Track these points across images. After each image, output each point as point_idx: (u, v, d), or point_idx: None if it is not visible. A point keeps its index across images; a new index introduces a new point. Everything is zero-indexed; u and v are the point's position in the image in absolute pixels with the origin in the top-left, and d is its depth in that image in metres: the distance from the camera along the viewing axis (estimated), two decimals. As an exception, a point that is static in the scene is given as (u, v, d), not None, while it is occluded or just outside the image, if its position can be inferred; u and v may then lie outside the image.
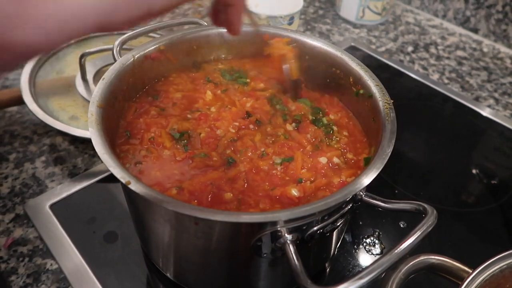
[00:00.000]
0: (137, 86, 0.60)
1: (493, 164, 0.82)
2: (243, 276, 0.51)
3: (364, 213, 0.68)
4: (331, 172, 0.53)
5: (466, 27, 1.21)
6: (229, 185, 0.49)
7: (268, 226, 0.41)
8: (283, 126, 0.58)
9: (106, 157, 0.43)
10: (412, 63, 1.07)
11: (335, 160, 0.54)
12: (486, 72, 1.06)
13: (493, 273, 0.39)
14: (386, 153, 0.46)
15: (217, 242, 0.45)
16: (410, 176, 0.78)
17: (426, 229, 0.40)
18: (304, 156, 0.54)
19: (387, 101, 0.54)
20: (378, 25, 1.21)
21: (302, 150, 0.55)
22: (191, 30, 0.65)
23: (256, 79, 0.66)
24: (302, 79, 0.65)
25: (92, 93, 0.79)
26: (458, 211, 0.71)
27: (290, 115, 0.60)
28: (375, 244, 0.64)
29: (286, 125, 0.59)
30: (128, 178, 0.41)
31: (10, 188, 0.68)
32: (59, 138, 0.77)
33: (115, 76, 0.54)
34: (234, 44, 0.68)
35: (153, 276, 0.58)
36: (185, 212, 0.39)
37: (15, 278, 0.56)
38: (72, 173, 0.71)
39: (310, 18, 1.22)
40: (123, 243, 0.61)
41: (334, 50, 0.63)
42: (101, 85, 0.52)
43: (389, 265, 0.39)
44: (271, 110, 0.60)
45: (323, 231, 0.45)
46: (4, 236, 0.61)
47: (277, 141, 0.56)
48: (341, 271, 0.60)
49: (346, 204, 0.45)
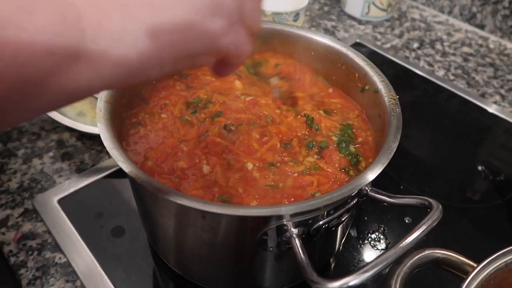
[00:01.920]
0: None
1: (499, 160, 0.82)
2: (249, 270, 0.52)
3: (369, 208, 0.68)
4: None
5: (472, 23, 1.20)
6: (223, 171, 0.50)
7: (274, 220, 0.42)
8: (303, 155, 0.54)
9: (114, 151, 0.43)
10: (417, 60, 1.07)
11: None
12: (492, 69, 1.05)
13: (499, 267, 0.39)
14: (391, 148, 0.46)
15: (224, 236, 0.46)
16: (416, 172, 0.78)
17: (431, 224, 0.41)
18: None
19: (392, 96, 0.54)
20: (383, 21, 1.21)
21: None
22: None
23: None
24: (296, 99, 0.63)
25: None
26: (463, 207, 0.71)
27: (316, 141, 0.55)
28: (380, 240, 0.64)
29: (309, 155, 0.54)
30: (136, 173, 0.41)
31: (19, 183, 0.69)
32: (66, 134, 0.78)
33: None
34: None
35: (160, 270, 0.59)
36: (192, 205, 0.39)
37: (25, 271, 0.57)
38: (79, 168, 0.71)
39: (315, 15, 1.21)
40: (130, 237, 0.62)
41: (339, 46, 0.63)
42: (108, 81, 0.52)
43: (394, 258, 0.39)
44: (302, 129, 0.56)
45: (329, 226, 0.45)
46: (14, 230, 0.62)
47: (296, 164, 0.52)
48: (346, 266, 0.60)
49: (351, 198, 0.46)
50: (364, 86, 0.59)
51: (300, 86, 0.64)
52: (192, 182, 0.48)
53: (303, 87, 0.64)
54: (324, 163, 0.52)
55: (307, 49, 0.65)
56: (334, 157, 0.53)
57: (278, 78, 0.64)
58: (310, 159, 0.52)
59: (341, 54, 0.62)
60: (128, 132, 0.54)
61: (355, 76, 0.61)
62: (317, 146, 0.54)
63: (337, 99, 0.63)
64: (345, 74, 0.63)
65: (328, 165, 0.52)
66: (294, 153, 0.53)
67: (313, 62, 0.66)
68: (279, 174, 0.50)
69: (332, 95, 0.64)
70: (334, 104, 0.63)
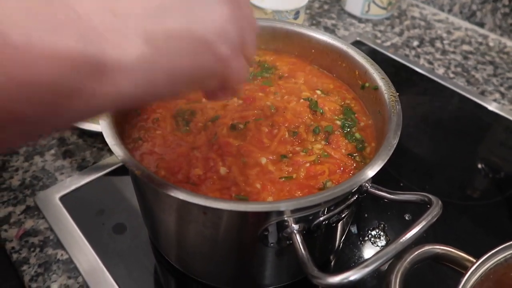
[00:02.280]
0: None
1: (498, 158, 0.82)
2: (250, 266, 0.52)
3: (369, 205, 0.68)
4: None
5: (472, 21, 1.20)
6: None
7: (275, 216, 0.42)
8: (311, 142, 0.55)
9: (116, 148, 0.43)
10: (417, 58, 1.07)
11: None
12: (492, 67, 1.06)
13: (498, 262, 0.40)
14: (391, 145, 0.46)
15: (225, 232, 0.46)
16: (415, 170, 0.78)
17: (431, 219, 0.41)
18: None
19: (392, 93, 0.54)
20: (383, 19, 1.21)
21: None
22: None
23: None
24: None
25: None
26: (463, 204, 0.72)
27: (321, 126, 0.56)
28: (380, 236, 0.64)
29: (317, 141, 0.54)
30: (138, 169, 0.42)
31: (20, 181, 0.69)
32: (67, 131, 0.78)
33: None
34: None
35: (161, 266, 0.59)
36: (194, 201, 0.40)
37: (27, 267, 0.58)
38: (81, 166, 0.72)
39: (316, 13, 1.22)
40: (132, 234, 0.62)
41: (340, 44, 0.63)
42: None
43: (395, 254, 0.40)
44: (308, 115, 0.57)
45: (329, 222, 0.46)
46: (16, 227, 0.62)
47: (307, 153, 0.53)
48: (347, 262, 0.61)
49: (352, 195, 0.46)
50: (364, 84, 0.59)
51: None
52: (209, 185, 0.48)
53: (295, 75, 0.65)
54: (332, 149, 0.54)
55: (307, 47, 0.66)
56: (341, 142, 0.54)
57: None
58: (318, 145, 0.54)
59: (341, 51, 0.63)
60: (132, 147, 0.53)
61: (355, 74, 0.61)
62: (323, 131, 0.56)
63: (329, 81, 0.65)
64: (346, 72, 0.63)
65: (336, 151, 0.53)
66: (303, 141, 0.54)
67: (314, 60, 0.66)
68: (292, 165, 0.51)
69: (324, 79, 0.66)
70: (327, 84, 0.64)
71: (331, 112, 0.58)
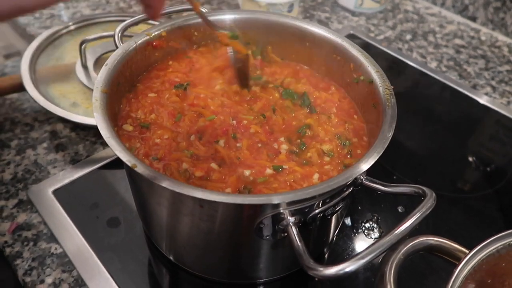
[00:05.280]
0: (140, 70, 0.61)
1: (489, 151, 0.83)
2: (245, 258, 0.52)
3: (363, 198, 0.69)
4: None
5: (464, 16, 1.21)
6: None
7: (271, 208, 0.42)
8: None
9: (111, 141, 0.43)
10: (410, 51, 1.08)
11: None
12: (483, 60, 1.07)
13: (490, 253, 0.40)
14: (386, 138, 0.46)
15: (221, 225, 0.46)
16: (408, 163, 0.79)
17: (425, 211, 0.41)
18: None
19: (387, 87, 0.54)
20: (377, 13, 1.21)
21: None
22: (192, 16, 0.65)
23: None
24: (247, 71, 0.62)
25: (92, 80, 0.80)
26: (454, 197, 0.73)
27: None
28: (374, 229, 0.65)
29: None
30: (134, 162, 0.41)
31: (12, 174, 0.68)
32: (60, 125, 0.77)
33: (118, 62, 0.54)
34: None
35: (156, 260, 0.59)
36: (190, 194, 0.39)
37: (20, 261, 0.57)
38: (73, 159, 0.71)
39: (309, 6, 1.21)
40: (126, 228, 0.62)
41: (334, 37, 0.63)
42: (104, 71, 0.52)
43: (390, 245, 0.40)
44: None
45: (324, 214, 0.46)
46: (8, 221, 0.62)
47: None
48: (341, 254, 0.61)
49: (347, 187, 0.46)
50: (359, 77, 0.60)
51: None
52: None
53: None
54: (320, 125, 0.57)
55: (302, 40, 0.65)
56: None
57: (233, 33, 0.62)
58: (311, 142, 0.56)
59: (337, 44, 0.63)
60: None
61: (350, 67, 0.61)
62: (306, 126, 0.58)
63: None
64: (340, 65, 0.63)
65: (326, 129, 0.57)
66: (299, 145, 0.55)
67: (309, 53, 0.66)
68: (293, 173, 0.51)
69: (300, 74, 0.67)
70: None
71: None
